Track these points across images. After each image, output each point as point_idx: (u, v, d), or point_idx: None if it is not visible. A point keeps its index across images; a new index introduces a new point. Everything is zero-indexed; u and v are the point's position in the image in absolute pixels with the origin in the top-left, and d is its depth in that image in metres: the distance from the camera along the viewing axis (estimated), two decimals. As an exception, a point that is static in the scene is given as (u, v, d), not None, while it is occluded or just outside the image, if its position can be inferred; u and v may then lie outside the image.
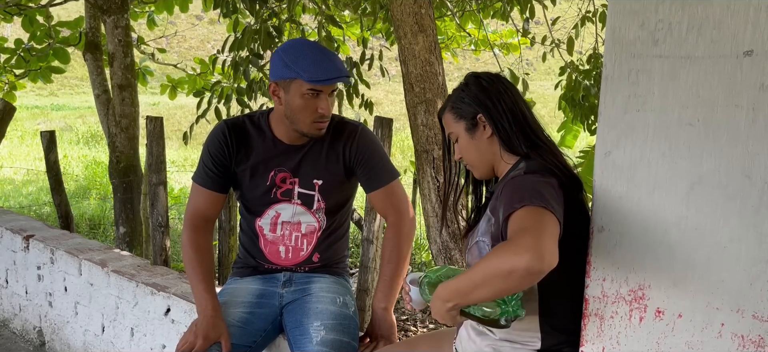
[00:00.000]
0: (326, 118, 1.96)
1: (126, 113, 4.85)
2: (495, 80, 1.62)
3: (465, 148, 1.64)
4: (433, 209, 3.44)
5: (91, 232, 7.35)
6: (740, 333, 1.26)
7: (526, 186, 1.40)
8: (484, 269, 1.27)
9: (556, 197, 1.38)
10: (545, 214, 1.30)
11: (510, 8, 5.11)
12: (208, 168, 2.05)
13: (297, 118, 1.96)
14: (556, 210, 1.32)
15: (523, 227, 1.27)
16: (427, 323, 4.62)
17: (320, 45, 2.00)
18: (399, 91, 5.51)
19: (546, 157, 1.53)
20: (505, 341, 1.52)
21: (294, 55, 1.92)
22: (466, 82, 1.65)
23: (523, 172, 1.49)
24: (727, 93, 1.22)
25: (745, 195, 1.22)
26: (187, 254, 2.03)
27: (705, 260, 1.28)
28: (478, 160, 1.63)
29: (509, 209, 1.35)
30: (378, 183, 2.08)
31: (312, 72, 1.88)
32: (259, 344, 2.05)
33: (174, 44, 23.94)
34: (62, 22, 5.97)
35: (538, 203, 1.32)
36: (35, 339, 3.50)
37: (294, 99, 1.93)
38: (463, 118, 1.62)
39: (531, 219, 1.29)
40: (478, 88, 1.61)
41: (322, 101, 1.93)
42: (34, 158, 11.80)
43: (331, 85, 1.92)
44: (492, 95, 1.59)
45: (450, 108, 1.65)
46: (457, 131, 1.64)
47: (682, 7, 1.26)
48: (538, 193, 1.36)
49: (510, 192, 1.41)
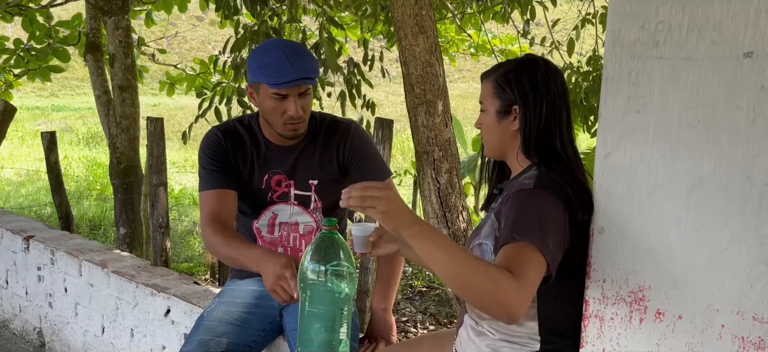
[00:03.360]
0: (297, 119, 1.92)
1: (127, 114, 4.86)
2: (551, 77, 1.53)
3: (488, 126, 1.59)
4: (433, 209, 3.44)
5: (91, 233, 7.35)
6: (740, 335, 1.26)
7: (531, 213, 1.38)
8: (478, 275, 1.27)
9: (556, 228, 1.38)
10: (539, 260, 1.32)
11: (510, 10, 5.11)
12: (211, 170, 2.01)
13: (270, 120, 1.96)
14: (549, 252, 1.33)
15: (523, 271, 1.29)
16: (427, 324, 4.62)
17: (290, 44, 1.94)
18: (399, 92, 5.52)
19: (560, 173, 1.48)
20: (505, 342, 1.52)
21: (260, 58, 1.90)
22: (522, 63, 1.56)
23: (533, 184, 1.45)
24: (727, 94, 1.22)
25: (745, 196, 1.22)
26: (219, 247, 1.89)
27: (705, 262, 1.28)
28: (495, 143, 1.59)
29: (509, 236, 1.35)
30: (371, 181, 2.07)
31: (273, 76, 1.85)
32: (259, 343, 2.05)
33: (175, 45, 23.96)
34: (62, 22, 5.98)
35: (537, 243, 1.32)
36: (35, 340, 3.50)
37: (264, 102, 1.92)
38: (500, 99, 1.55)
39: (528, 266, 1.30)
40: (530, 78, 1.53)
41: (290, 104, 1.89)
42: (34, 159, 11.79)
43: (296, 87, 1.88)
44: (539, 94, 1.52)
45: (495, 81, 1.57)
46: (488, 106, 1.58)
47: (682, 8, 1.26)
48: (540, 228, 1.35)
49: (516, 211, 1.40)
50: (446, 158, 3.40)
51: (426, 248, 1.29)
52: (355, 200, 1.31)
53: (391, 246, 1.68)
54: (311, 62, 1.92)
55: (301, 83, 1.87)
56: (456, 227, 3.42)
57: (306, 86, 1.91)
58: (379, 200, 1.29)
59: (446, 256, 1.28)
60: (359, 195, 1.30)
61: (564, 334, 1.50)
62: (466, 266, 1.27)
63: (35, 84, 17.37)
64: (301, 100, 1.91)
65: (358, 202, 1.30)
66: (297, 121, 1.93)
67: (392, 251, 1.69)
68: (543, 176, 1.48)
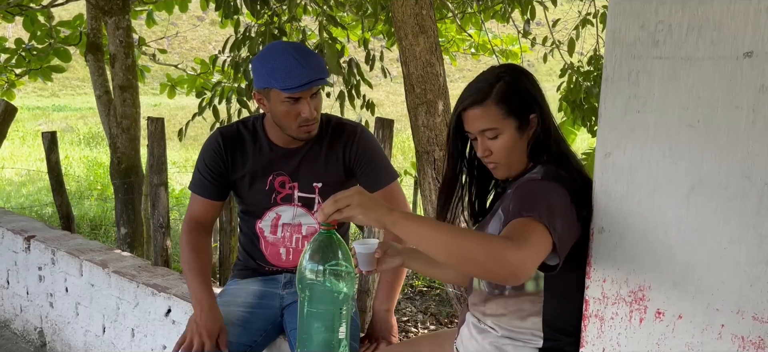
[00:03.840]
0: (311, 120, 1.93)
1: (127, 114, 4.86)
2: (534, 78, 1.53)
3: (507, 149, 1.49)
4: (434, 210, 3.44)
5: (92, 233, 7.36)
6: (740, 334, 1.26)
7: (540, 195, 1.37)
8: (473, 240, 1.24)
9: (565, 216, 1.37)
10: (544, 234, 1.29)
11: (511, 10, 5.12)
12: (204, 176, 2.06)
13: (283, 125, 1.96)
14: (556, 233, 1.31)
15: (525, 237, 1.26)
16: (428, 324, 4.62)
17: (297, 46, 1.94)
18: (400, 92, 5.52)
19: (564, 165, 1.49)
20: (508, 339, 1.52)
21: (268, 63, 1.89)
22: (510, 75, 1.49)
23: (541, 176, 1.45)
24: (727, 94, 1.22)
25: (745, 196, 1.22)
26: (184, 253, 2.04)
27: (705, 261, 1.28)
28: (516, 160, 1.51)
29: (517, 212, 1.34)
30: (378, 184, 2.07)
31: (285, 81, 1.85)
32: (260, 343, 2.05)
33: (175, 45, 23.96)
34: (63, 22, 5.99)
35: (544, 220, 1.30)
36: (36, 340, 3.50)
37: (276, 107, 1.92)
38: (515, 115, 1.47)
39: (532, 233, 1.28)
40: (529, 83, 1.50)
41: (304, 106, 1.90)
42: (35, 159, 11.81)
43: (309, 90, 1.89)
44: (540, 93, 1.51)
45: (497, 104, 1.47)
46: (503, 128, 1.48)
47: (682, 8, 1.26)
48: (548, 208, 1.34)
49: (524, 194, 1.39)
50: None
51: (413, 227, 1.29)
52: (330, 208, 1.34)
53: (396, 260, 1.68)
54: (320, 62, 1.93)
55: (314, 84, 1.87)
56: (456, 227, 3.42)
57: (317, 87, 1.92)
58: (351, 197, 1.32)
59: (436, 230, 1.27)
60: (331, 203, 1.34)
61: (567, 330, 1.50)
62: (458, 235, 1.27)
63: (36, 84, 17.38)
64: (313, 101, 1.92)
65: (333, 208, 1.34)
66: (311, 122, 1.94)
67: (396, 264, 1.69)
68: (550, 170, 1.48)
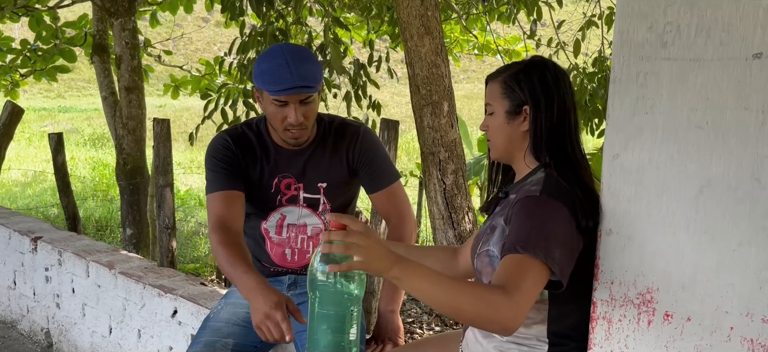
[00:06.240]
0: (297, 126, 1.89)
1: (133, 115, 4.87)
2: (560, 79, 1.53)
3: (496, 128, 1.56)
4: (439, 211, 3.43)
5: (98, 233, 7.37)
6: (749, 337, 1.25)
7: (536, 223, 1.38)
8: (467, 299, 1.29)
9: (564, 236, 1.38)
10: (539, 272, 1.33)
11: (516, 10, 5.11)
12: (218, 172, 2.00)
13: (273, 126, 1.96)
14: (555, 263, 1.34)
15: (518, 284, 1.30)
16: (433, 325, 4.61)
17: (295, 50, 1.91)
18: (405, 93, 5.52)
19: (569, 177, 1.47)
20: (513, 344, 1.52)
21: (261, 63, 1.89)
22: (531, 64, 1.54)
23: (540, 191, 1.44)
24: (736, 95, 1.22)
25: (754, 198, 1.22)
26: (218, 254, 1.87)
27: (714, 264, 1.27)
28: (502, 145, 1.56)
29: (512, 247, 1.36)
30: (381, 184, 2.07)
31: (270, 83, 1.84)
32: (265, 345, 2.05)
33: (180, 46, 24.02)
34: (68, 23, 6.01)
35: (541, 256, 1.33)
36: (43, 341, 3.51)
37: (266, 107, 1.92)
38: (509, 99, 1.53)
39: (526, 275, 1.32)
40: (540, 79, 1.51)
41: (290, 111, 1.86)
42: (41, 160, 11.85)
43: (296, 95, 1.85)
44: (550, 94, 1.51)
45: (503, 82, 1.54)
46: (497, 107, 1.55)
47: (690, 9, 1.25)
48: (545, 239, 1.35)
49: (522, 219, 1.40)
50: (452, 159, 3.40)
51: (411, 285, 1.32)
52: (338, 248, 1.33)
53: None
54: (312, 70, 1.88)
55: (298, 91, 1.84)
56: (461, 229, 3.42)
57: (307, 94, 1.88)
58: (360, 250, 1.29)
59: (432, 286, 1.30)
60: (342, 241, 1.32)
61: (572, 336, 1.49)
62: (453, 292, 1.29)
63: (42, 85, 17.42)
64: (302, 108, 1.88)
65: (342, 249, 1.33)
66: (296, 128, 1.90)
67: None
68: (550, 182, 1.46)
